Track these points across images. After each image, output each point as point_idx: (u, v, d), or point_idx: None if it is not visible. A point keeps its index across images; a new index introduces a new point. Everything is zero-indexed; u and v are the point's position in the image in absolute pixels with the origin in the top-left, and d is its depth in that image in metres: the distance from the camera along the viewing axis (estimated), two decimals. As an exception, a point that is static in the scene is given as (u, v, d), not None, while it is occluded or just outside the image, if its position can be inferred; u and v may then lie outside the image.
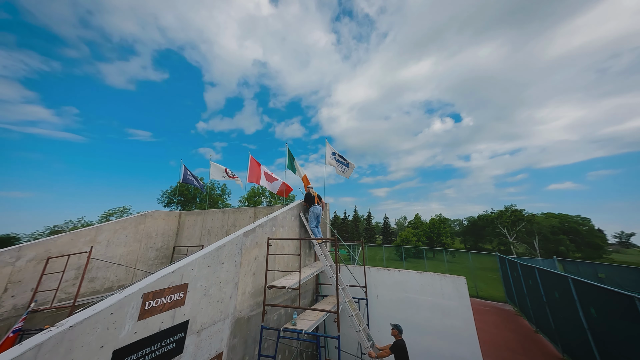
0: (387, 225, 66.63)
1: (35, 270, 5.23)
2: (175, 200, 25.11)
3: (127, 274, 6.89)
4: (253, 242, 4.39)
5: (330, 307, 5.03)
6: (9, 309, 4.79)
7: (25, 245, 5.28)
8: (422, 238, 37.34)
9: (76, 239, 6.03)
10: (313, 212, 5.88)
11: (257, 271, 4.35)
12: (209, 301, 3.36)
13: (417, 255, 32.57)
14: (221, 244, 3.73)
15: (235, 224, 8.15)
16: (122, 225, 7.08)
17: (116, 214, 32.91)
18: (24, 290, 5.03)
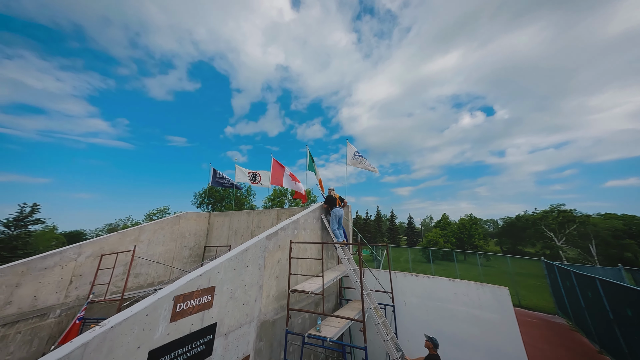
0: (411, 225, 63.52)
1: (92, 265, 5.89)
2: (206, 202, 27.01)
3: (165, 271, 7.45)
4: (276, 245, 4.37)
5: (355, 314, 4.81)
6: (73, 299, 5.45)
7: (84, 243, 5.97)
8: (451, 239, 34.78)
9: (123, 238, 6.68)
10: (334, 214, 5.71)
11: (281, 274, 4.32)
12: (235, 304, 3.40)
13: (446, 257, 30.37)
14: (245, 247, 3.76)
15: (260, 225, 8.34)
16: (160, 225, 7.68)
17: (157, 214, 36.44)
18: (84, 282, 5.70)
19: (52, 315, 5.10)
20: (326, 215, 6.17)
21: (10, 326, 4.59)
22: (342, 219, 5.82)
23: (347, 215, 7.01)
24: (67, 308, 5.32)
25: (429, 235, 33.90)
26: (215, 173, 10.76)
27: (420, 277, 5.72)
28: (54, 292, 5.20)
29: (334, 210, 5.73)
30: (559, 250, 28.39)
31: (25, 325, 4.74)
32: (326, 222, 5.94)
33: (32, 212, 24.35)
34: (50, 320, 5.05)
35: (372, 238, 59.92)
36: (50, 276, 5.21)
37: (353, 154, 7.83)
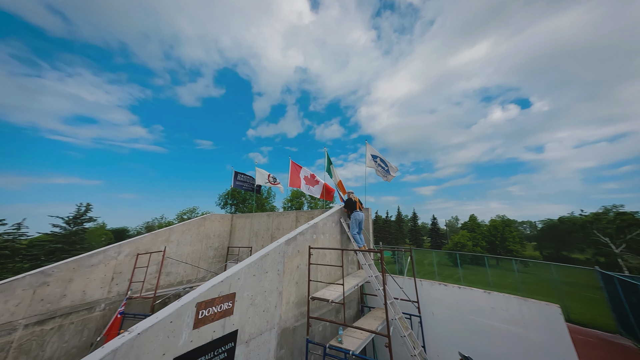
0: (435, 226, 60.07)
1: (129, 263, 6.39)
2: (229, 203, 28.38)
3: (193, 270, 7.85)
4: (295, 250, 4.29)
5: (379, 324, 4.54)
6: (115, 294, 5.96)
7: (123, 243, 6.50)
8: (480, 242, 32.07)
9: (156, 238, 7.16)
10: (355, 218, 5.47)
11: (300, 280, 4.22)
12: (256, 311, 3.36)
13: (475, 261, 28.05)
14: (264, 252, 3.72)
15: (279, 227, 8.39)
16: (187, 227, 8.10)
17: (187, 214, 39.19)
18: (123, 279, 6.20)
19: (98, 308, 5.62)
20: (345, 219, 5.96)
21: (66, 317, 5.14)
22: (362, 223, 5.56)
23: (367, 219, 6.71)
24: (110, 302, 5.82)
25: (456, 238, 31.62)
26: (236, 175, 11.12)
27: (450, 286, 5.22)
28: (99, 288, 5.72)
29: (354, 214, 5.50)
30: (617, 258, 24.52)
31: (77, 317, 5.28)
32: (345, 226, 5.73)
33: (86, 211, 27.72)
34: (97, 313, 5.57)
35: (393, 239, 57.85)
36: (95, 273, 5.74)
37: (371, 157, 7.48)
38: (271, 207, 28.83)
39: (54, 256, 23.79)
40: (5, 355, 4.35)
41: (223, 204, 29.27)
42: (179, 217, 38.08)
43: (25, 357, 4.53)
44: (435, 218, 63.50)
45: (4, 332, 4.43)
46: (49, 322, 4.91)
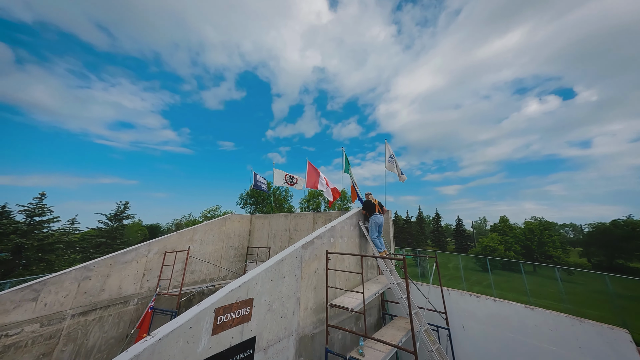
0: (460, 228, 56.37)
1: (158, 261, 6.80)
2: (249, 202, 29.43)
3: (215, 269, 8.15)
4: (312, 255, 4.16)
5: (402, 335, 4.23)
6: (146, 290, 6.39)
7: (152, 242, 6.94)
8: (514, 247, 29.26)
9: (181, 237, 7.55)
10: (374, 221, 5.19)
11: (318, 285, 4.08)
12: (273, 317, 3.30)
13: (507, 267, 25.66)
14: (281, 257, 3.64)
15: (297, 228, 8.37)
16: (210, 227, 8.44)
17: (210, 212, 41.44)
18: (153, 276, 6.62)
19: (132, 303, 6.05)
20: (364, 221, 5.70)
21: (105, 309, 5.61)
22: (382, 226, 5.26)
23: (387, 222, 6.36)
24: (142, 297, 6.24)
25: (485, 241, 29.21)
26: (256, 177, 11.36)
27: (483, 298, 4.71)
28: (132, 283, 6.16)
29: (373, 217, 5.22)
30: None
31: (114, 309, 5.74)
32: (364, 230, 5.47)
33: (124, 209, 30.68)
34: (131, 307, 6.00)
35: (414, 241, 55.46)
36: (129, 269, 6.19)
37: (389, 157, 7.09)
38: (289, 207, 29.30)
39: (100, 249, 26.70)
40: (57, 342, 4.85)
41: (243, 203, 30.45)
42: (203, 215, 40.46)
43: (72, 344, 5.02)
44: (460, 219, 59.51)
45: (55, 320, 4.94)
46: (91, 313, 5.39)
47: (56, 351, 4.81)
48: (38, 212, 14.02)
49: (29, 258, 12.00)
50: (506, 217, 42.34)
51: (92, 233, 28.01)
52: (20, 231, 11.94)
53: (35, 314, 4.75)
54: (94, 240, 27.15)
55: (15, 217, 14.15)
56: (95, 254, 25.84)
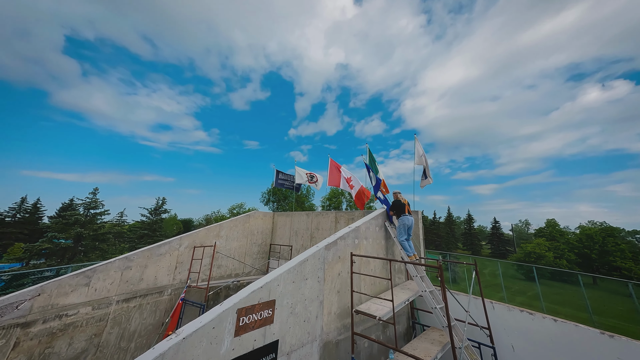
0: (497, 231, 51.24)
1: (188, 255, 7.23)
2: (271, 200, 30.37)
3: (239, 264, 8.43)
4: (335, 256, 3.95)
5: (438, 350, 3.81)
6: (178, 282, 6.83)
7: (183, 236, 7.40)
8: (566, 254, 25.53)
9: (208, 233, 7.93)
10: (403, 223, 4.77)
11: (342, 289, 3.86)
12: (296, 320, 3.17)
13: (557, 277, 22.46)
14: (303, 258, 3.49)
15: (318, 227, 8.24)
16: (235, 223, 8.74)
17: (236, 209, 43.74)
18: (184, 269, 7.06)
19: (166, 293, 6.51)
20: (390, 222, 5.30)
21: (143, 298, 6.11)
22: (412, 228, 4.82)
23: (417, 223, 5.85)
24: (175, 289, 6.69)
25: (529, 246, 25.95)
26: (278, 174, 11.49)
27: (539, 316, 4.03)
28: (166, 275, 6.63)
29: (402, 219, 4.80)
30: None
31: (151, 298, 6.23)
32: (391, 231, 5.08)
33: (162, 204, 33.96)
34: (165, 297, 6.47)
35: (443, 243, 52.01)
36: (163, 261, 6.67)
37: (420, 155, 6.49)
38: (310, 205, 29.51)
39: (143, 240, 29.98)
40: (105, 324, 5.41)
41: (266, 201, 31.50)
42: (230, 211, 42.92)
43: (117, 327, 5.56)
44: (498, 221, 54.06)
45: (104, 304, 5.51)
46: (132, 300, 5.91)
47: (105, 333, 5.37)
48: (93, 206, 16.23)
49: (87, 246, 14.03)
50: (555, 220, 37.29)
51: (136, 225, 31.60)
52: (79, 222, 14.02)
53: (88, 298, 5.34)
54: (138, 231, 30.46)
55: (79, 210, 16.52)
56: (139, 244, 29.08)
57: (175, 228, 46.79)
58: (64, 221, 13.58)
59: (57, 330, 4.83)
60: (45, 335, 4.70)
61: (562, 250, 25.72)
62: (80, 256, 13.27)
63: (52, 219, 13.73)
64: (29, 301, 4.71)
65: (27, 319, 4.58)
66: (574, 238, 27.61)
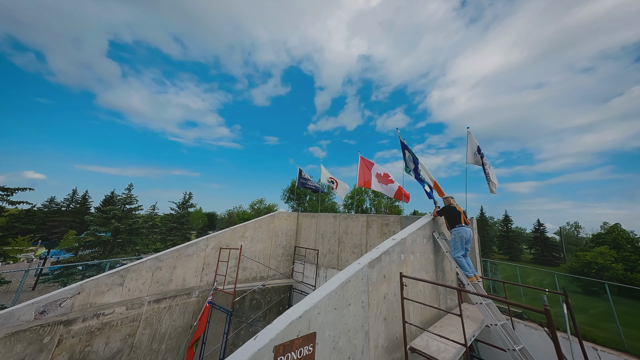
0: (541, 234, 46.11)
1: (214, 256, 7.21)
2: (291, 197, 30.54)
3: (264, 267, 8.29)
4: (380, 276, 3.37)
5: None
6: (205, 284, 6.86)
7: (210, 237, 7.39)
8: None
9: (234, 233, 7.86)
10: (459, 235, 4.00)
11: (388, 315, 3.29)
12: (340, 357, 2.69)
13: (627, 293, 19.20)
14: (345, 278, 2.98)
15: (347, 231, 7.70)
16: (259, 224, 8.58)
17: (256, 204, 45.06)
18: (210, 270, 7.06)
19: (194, 295, 6.55)
20: (440, 232, 4.53)
21: (172, 299, 6.20)
22: (470, 243, 4.02)
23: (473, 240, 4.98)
24: (202, 290, 6.71)
25: (589, 255, 22.55)
26: (300, 173, 11.12)
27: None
28: (194, 276, 6.66)
29: (457, 230, 4.02)
30: None
31: (180, 300, 6.30)
32: (442, 244, 4.31)
33: (189, 198, 36.23)
34: (193, 299, 6.51)
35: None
36: (191, 262, 6.70)
37: (476, 150, 5.49)
38: (331, 204, 29.00)
39: (172, 232, 32.34)
40: (138, 325, 5.55)
41: (287, 198, 31.74)
42: (251, 207, 44.39)
43: (149, 328, 5.69)
44: (542, 224, 48.55)
45: (136, 304, 5.65)
46: (162, 301, 6.01)
47: (137, 333, 5.51)
48: (128, 201, 17.67)
49: (123, 240, 15.40)
50: (620, 225, 32.13)
51: (167, 218, 34.22)
52: (117, 217, 15.37)
53: (122, 298, 5.50)
54: (168, 224, 32.85)
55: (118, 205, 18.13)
56: (169, 237, 31.41)
57: (201, 222, 49.87)
58: (104, 215, 15.01)
59: (95, 329, 5.02)
60: (85, 333, 4.91)
61: (634, 261, 21.93)
62: (118, 249, 14.64)
63: (93, 214, 15.30)
64: (70, 299, 4.93)
65: (69, 317, 4.79)
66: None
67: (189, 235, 35.18)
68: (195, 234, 47.60)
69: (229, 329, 5.78)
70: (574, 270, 22.26)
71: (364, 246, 7.00)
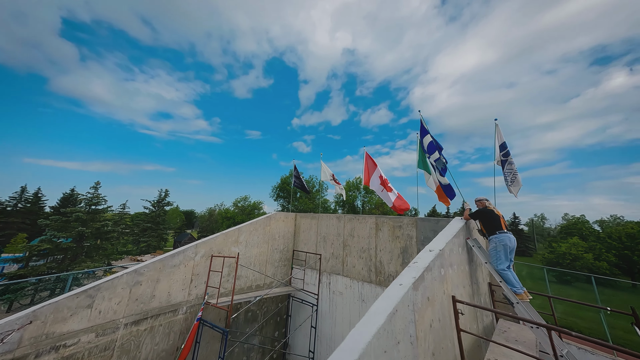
0: (516, 226, 49.92)
1: (205, 265, 6.41)
2: (281, 195, 29.50)
3: (260, 275, 7.62)
4: (424, 299, 2.92)
5: None
6: (194, 297, 6.06)
7: (199, 243, 6.54)
8: (604, 255, 24.21)
9: (226, 238, 7.06)
10: (503, 244, 3.64)
11: (437, 349, 2.87)
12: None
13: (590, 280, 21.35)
14: (391, 308, 2.47)
15: (353, 234, 7.26)
16: (254, 226, 7.84)
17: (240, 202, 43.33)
18: (200, 282, 6.26)
19: (181, 311, 5.75)
20: (473, 239, 4.21)
21: (155, 318, 5.35)
22: (514, 252, 3.72)
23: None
24: (190, 306, 5.92)
25: (564, 247, 24.66)
26: (296, 171, 10.45)
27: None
28: (181, 290, 5.83)
29: (500, 237, 3.65)
30: None
31: (164, 319, 5.47)
32: (479, 254, 3.98)
33: (165, 196, 33.72)
34: (180, 317, 5.71)
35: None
36: (177, 274, 5.86)
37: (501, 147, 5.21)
38: (323, 201, 28.52)
39: (147, 233, 30.01)
40: (111, 354, 4.68)
41: (276, 196, 30.61)
42: (235, 205, 42.60)
43: (126, 356, 4.84)
44: (518, 217, 52.58)
45: (109, 329, 4.75)
46: (142, 322, 5.15)
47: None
48: (95, 202, 15.64)
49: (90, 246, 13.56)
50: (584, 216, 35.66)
51: (139, 217, 31.58)
52: (81, 220, 13.44)
53: (91, 323, 4.57)
54: (141, 224, 30.37)
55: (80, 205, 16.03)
56: (143, 237, 29.12)
57: (179, 220, 47.04)
58: (64, 218, 12.98)
59: (53, 366, 4.10)
60: (40, 373, 3.98)
61: (599, 250, 24.39)
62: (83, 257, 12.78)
63: (50, 217, 13.10)
64: (18, 331, 3.95)
65: (15, 355, 3.82)
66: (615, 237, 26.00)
67: (166, 235, 32.89)
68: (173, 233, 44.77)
69: (225, 352, 5.11)
70: (550, 261, 24.26)
71: (373, 250, 6.62)
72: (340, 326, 6.88)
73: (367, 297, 6.40)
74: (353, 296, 6.72)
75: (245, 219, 41.65)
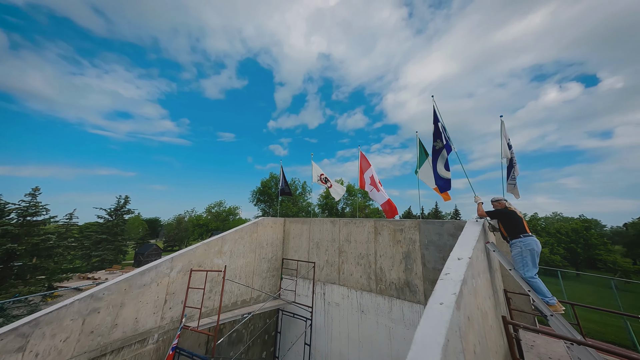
0: (483, 226, 54.96)
1: (182, 281, 5.50)
2: (261, 199, 28.07)
3: (246, 289, 6.86)
4: (465, 319, 2.56)
5: None
6: (168, 322, 5.12)
7: (175, 256, 5.62)
8: (555, 249, 27.53)
9: (208, 249, 6.22)
10: (529, 248, 3.40)
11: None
12: None
13: (548, 272, 24.07)
14: (443, 339, 2.07)
15: (349, 239, 6.93)
16: (240, 234, 7.08)
17: (215, 207, 40.56)
18: (177, 302, 5.34)
19: (151, 340, 4.79)
20: (491, 242, 4.10)
21: (117, 353, 4.35)
22: (539, 256, 3.54)
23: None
24: (163, 332, 4.98)
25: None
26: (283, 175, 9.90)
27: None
28: (151, 314, 4.88)
29: (524, 241, 3.42)
30: None
31: (129, 352, 4.48)
32: (503, 261, 3.71)
33: (125, 203, 29.97)
34: (150, 347, 4.75)
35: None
36: (148, 294, 4.90)
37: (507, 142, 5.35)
38: (307, 204, 27.75)
39: (101, 246, 26.14)
40: (54, 409, 3.61)
41: (256, 200, 28.99)
42: (208, 211, 39.67)
43: (76, 409, 3.79)
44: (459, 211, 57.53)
45: (51, 376, 3.69)
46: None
47: None
48: (32, 212, 12.87)
49: (23, 267, 10.87)
50: (537, 214, 40.37)
51: (91, 228, 27.42)
52: (10, 234, 10.72)
53: (23, 371, 3.49)
54: (93, 236, 26.48)
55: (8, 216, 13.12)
56: (96, 251, 25.30)
57: (141, 230, 42.26)
58: (-15, 232, 10.20)
59: None
60: None
61: (552, 244, 27.66)
62: (12, 280, 10.10)
63: None
64: None
65: None
66: (564, 232, 29.77)
67: (125, 247, 29.01)
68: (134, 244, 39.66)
69: (211, 385, 4.32)
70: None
71: (372, 256, 6.36)
72: (337, 341, 6.42)
73: (366, 308, 6.07)
74: (351, 307, 6.34)
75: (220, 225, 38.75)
